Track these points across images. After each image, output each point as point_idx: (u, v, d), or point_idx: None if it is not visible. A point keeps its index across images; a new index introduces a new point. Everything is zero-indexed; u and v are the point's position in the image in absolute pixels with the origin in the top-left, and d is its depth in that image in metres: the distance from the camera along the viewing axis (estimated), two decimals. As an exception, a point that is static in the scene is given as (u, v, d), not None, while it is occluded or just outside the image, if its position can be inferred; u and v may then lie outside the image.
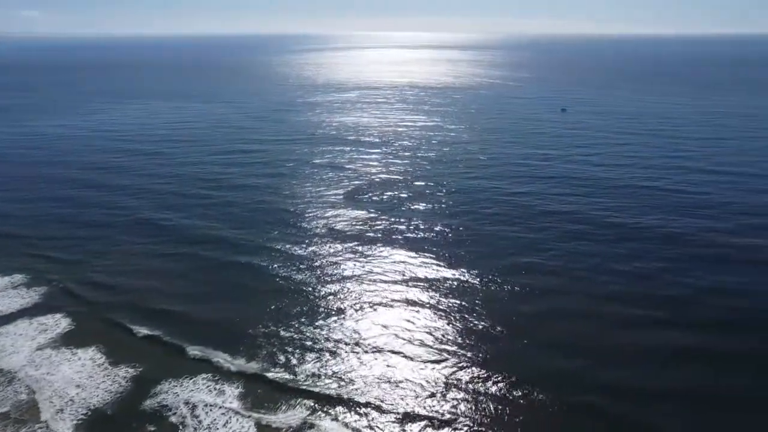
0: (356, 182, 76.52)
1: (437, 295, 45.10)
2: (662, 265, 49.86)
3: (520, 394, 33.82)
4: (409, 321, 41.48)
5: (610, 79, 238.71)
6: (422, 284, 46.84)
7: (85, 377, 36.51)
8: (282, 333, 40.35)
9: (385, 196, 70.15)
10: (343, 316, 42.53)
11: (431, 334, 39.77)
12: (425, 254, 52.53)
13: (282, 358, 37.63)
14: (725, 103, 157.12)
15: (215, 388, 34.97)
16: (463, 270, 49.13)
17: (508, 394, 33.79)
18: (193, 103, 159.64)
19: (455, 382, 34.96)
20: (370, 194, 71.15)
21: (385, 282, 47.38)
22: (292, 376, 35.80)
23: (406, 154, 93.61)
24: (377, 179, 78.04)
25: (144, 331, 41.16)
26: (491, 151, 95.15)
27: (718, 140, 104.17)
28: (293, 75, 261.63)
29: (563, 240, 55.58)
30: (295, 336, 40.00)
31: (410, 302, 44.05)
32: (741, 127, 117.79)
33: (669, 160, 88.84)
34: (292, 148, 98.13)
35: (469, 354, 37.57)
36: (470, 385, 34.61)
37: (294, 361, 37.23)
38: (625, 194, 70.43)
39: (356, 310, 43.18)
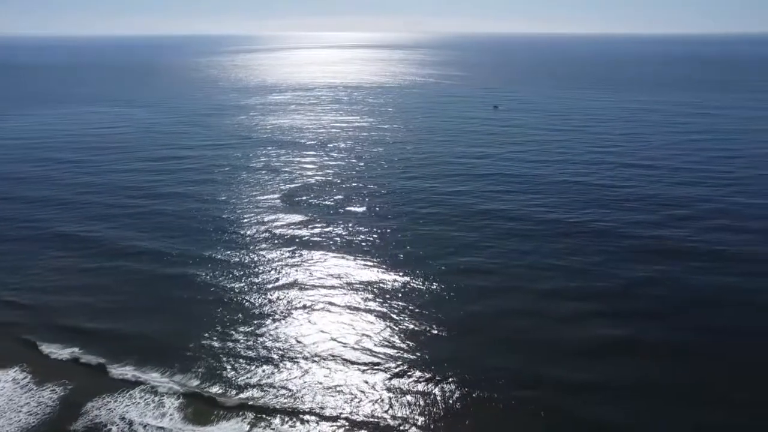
0: (292, 185, 75.07)
1: (378, 298, 44.46)
2: (597, 258, 51.06)
3: (464, 393, 33.61)
4: (350, 326, 40.68)
5: (540, 77, 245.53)
6: (362, 288, 46.12)
7: (3, 401, 33.82)
8: (219, 344, 38.76)
9: (322, 199, 69.07)
10: (282, 323, 41.28)
11: (373, 338, 39.10)
12: (364, 257, 51.85)
13: (220, 370, 36.08)
14: (648, 99, 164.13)
15: (151, 405, 33.14)
16: (403, 272, 48.72)
17: (452, 395, 33.52)
18: (118, 108, 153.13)
19: (399, 385, 34.43)
20: (306, 197, 69.89)
21: (325, 287, 46.40)
22: (231, 389, 34.38)
23: (342, 155, 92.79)
24: (314, 181, 76.84)
25: (70, 350, 38.62)
26: (426, 150, 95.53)
27: (642, 135, 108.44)
28: (224, 77, 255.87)
29: (501, 238, 56.08)
30: (233, 347, 38.50)
31: (351, 307, 43.26)
32: (662, 122, 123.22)
33: (598, 155, 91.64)
34: (226, 153, 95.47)
35: (411, 356, 37.11)
36: (414, 387, 34.18)
37: (232, 373, 35.76)
38: (558, 190, 71.99)
39: (295, 317, 42.03)
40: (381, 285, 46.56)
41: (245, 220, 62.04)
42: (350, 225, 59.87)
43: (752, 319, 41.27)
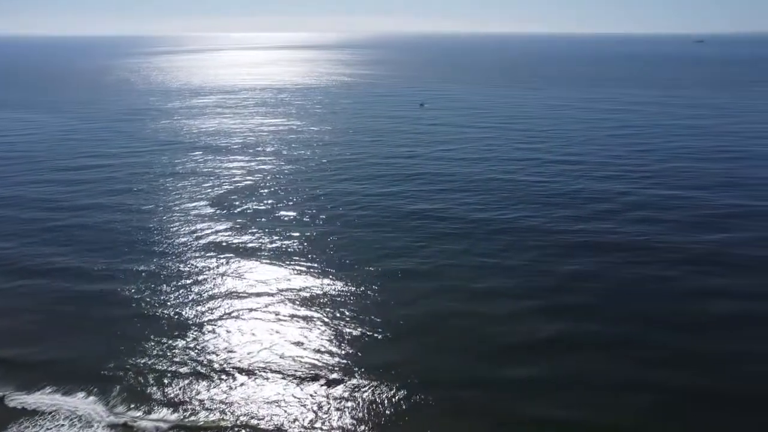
0: (221, 191, 72.87)
1: (313, 305, 43.57)
2: (530, 255, 52.05)
3: (405, 397, 33.32)
4: (285, 335, 39.62)
5: (465, 75, 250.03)
6: (296, 295, 45.08)
7: None
8: (147, 362, 36.82)
9: (252, 205, 67.33)
10: (213, 336, 39.71)
11: (309, 347, 38.22)
12: (297, 263, 50.78)
13: (149, 389, 34.26)
14: (569, 95, 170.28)
15: (75, 428, 31.06)
16: (338, 277, 48.02)
17: (393, 399, 33.17)
18: (24, 114, 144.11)
19: (338, 393, 33.75)
20: (236, 203, 67.96)
21: (257, 295, 45.06)
22: (162, 408, 32.68)
23: (271, 158, 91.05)
24: (242, 186, 74.87)
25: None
26: (355, 151, 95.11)
27: (565, 131, 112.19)
28: (141, 80, 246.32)
29: (434, 238, 56.27)
30: (162, 364, 36.66)
31: (285, 315, 42.17)
32: (583, 119, 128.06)
33: (524, 152, 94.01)
34: (149, 159, 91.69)
35: (350, 363, 36.49)
36: (354, 395, 33.59)
37: (163, 392, 34.04)
38: (488, 188, 73.19)
39: (227, 329, 40.53)
40: (315, 291, 45.69)
41: (172, 230, 59.63)
42: (282, 230, 58.61)
43: (676, 305, 43.20)
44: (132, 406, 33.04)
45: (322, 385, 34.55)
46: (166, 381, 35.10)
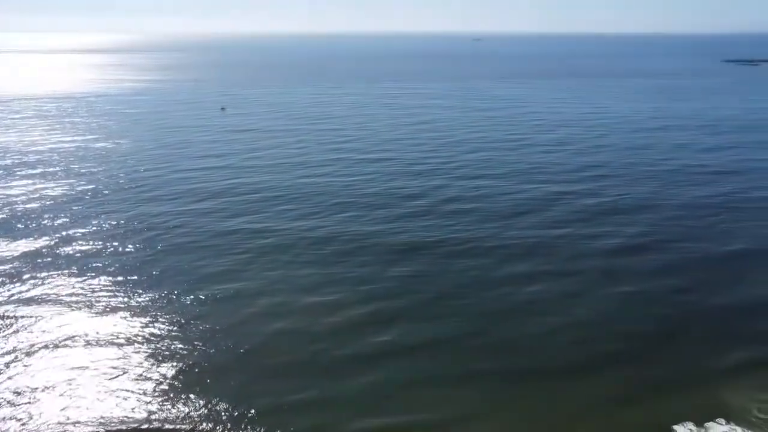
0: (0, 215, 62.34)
1: (125, 348, 38.33)
2: (354, 261, 51.47)
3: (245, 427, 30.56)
4: (91, 389, 34.17)
5: (265, 76, 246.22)
6: (104, 339, 39.35)
7: None
8: None
9: (39, 235, 58.16)
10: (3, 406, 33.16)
11: (122, 399, 33.42)
12: (103, 301, 44.54)
13: None
14: (366, 92, 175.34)
15: None
16: (152, 311, 43.07)
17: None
18: None
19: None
20: (18, 234, 58.18)
21: (52, 344, 38.48)
22: None
23: (59, 179, 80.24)
24: (26, 213, 64.60)
25: None
26: (158, 166, 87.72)
27: (373, 128, 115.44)
28: None
29: (255, 254, 53.29)
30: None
31: (90, 365, 36.43)
32: (389, 115, 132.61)
33: (335, 152, 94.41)
34: None
35: (172, 408, 32.57)
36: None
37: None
38: (303, 194, 71.69)
39: (12, 392, 33.99)
40: (127, 331, 40.31)
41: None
42: (80, 263, 51.30)
43: (495, 294, 45.53)
44: None
45: (146, 437, 30.43)
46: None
